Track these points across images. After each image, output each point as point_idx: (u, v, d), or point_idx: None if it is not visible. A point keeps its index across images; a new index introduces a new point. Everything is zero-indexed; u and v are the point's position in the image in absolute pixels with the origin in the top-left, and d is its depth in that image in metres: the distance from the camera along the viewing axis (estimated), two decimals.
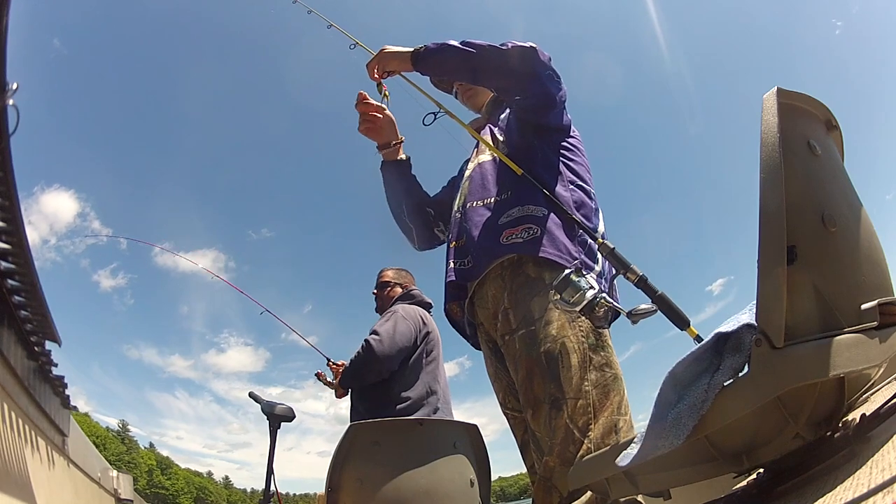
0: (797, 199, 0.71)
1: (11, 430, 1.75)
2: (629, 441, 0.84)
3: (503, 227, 1.24)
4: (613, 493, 0.93)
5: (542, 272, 1.17)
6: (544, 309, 1.14)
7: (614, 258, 1.08)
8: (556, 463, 1.09)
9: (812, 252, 0.72)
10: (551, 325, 1.13)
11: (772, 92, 0.75)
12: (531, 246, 1.19)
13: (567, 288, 1.00)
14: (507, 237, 1.22)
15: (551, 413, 1.10)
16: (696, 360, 0.75)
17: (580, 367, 1.10)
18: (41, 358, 2.17)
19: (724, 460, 0.77)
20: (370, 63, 1.45)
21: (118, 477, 3.94)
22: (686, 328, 1.00)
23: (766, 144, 0.72)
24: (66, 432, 2.62)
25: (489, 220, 1.28)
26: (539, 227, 1.21)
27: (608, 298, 1.00)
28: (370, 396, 2.06)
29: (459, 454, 1.44)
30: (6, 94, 1.38)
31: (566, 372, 1.09)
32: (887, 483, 0.51)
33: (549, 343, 1.12)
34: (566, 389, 1.09)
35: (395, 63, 1.42)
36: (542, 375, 1.12)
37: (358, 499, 1.29)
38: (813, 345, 0.67)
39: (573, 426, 1.07)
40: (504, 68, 1.27)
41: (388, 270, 2.47)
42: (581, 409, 1.08)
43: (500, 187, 1.32)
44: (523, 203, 1.26)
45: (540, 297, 1.15)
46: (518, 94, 1.32)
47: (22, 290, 1.84)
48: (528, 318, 1.16)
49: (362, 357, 2.01)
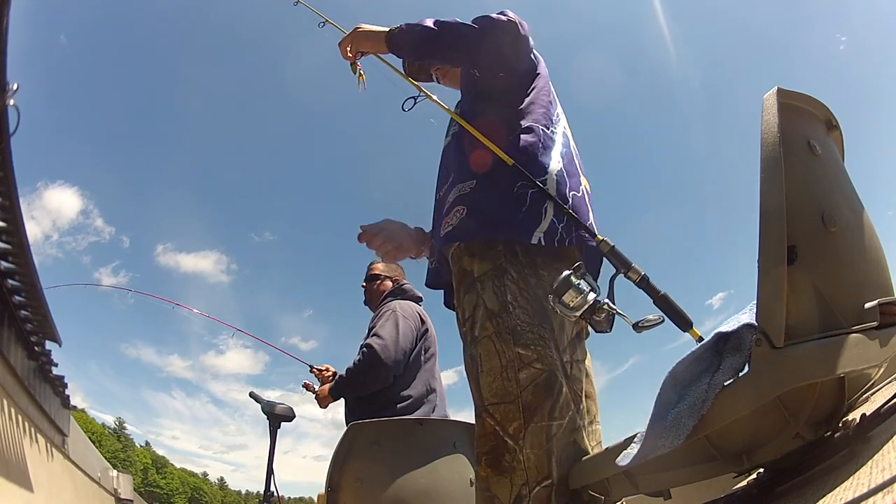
0: (797, 198, 0.71)
1: (11, 429, 1.75)
2: (629, 441, 0.84)
3: (443, 217, 1.15)
4: (613, 493, 0.93)
5: (473, 262, 1.06)
6: (472, 307, 1.04)
7: (614, 256, 1.02)
8: (488, 473, 0.99)
9: (812, 252, 0.72)
10: (475, 327, 1.03)
11: (772, 92, 0.75)
12: (458, 232, 1.09)
13: (567, 291, 0.92)
14: (444, 227, 1.13)
15: (477, 421, 1.02)
16: (696, 360, 0.75)
17: (505, 369, 0.98)
18: (41, 358, 2.17)
19: (724, 460, 0.77)
20: (343, 42, 1.36)
21: (118, 477, 3.94)
22: (689, 329, 0.98)
23: (766, 144, 0.72)
24: (66, 432, 2.62)
25: (439, 213, 1.20)
26: (465, 205, 1.10)
27: (611, 305, 0.95)
28: (369, 396, 1.96)
29: (459, 454, 1.44)
30: (6, 94, 1.39)
31: (486, 377, 1.00)
32: (887, 483, 0.51)
33: (474, 346, 1.03)
34: (486, 395, 1.00)
35: (369, 44, 1.34)
36: (472, 381, 1.04)
37: (358, 498, 1.29)
38: (813, 345, 0.67)
39: (503, 433, 0.97)
40: (484, 47, 1.16)
41: (377, 263, 2.37)
42: (510, 413, 0.97)
43: (449, 171, 1.24)
44: (457, 182, 1.16)
45: (470, 293, 1.05)
46: (480, 70, 1.23)
47: (22, 290, 1.84)
48: (461, 318, 1.08)
49: (366, 363, 1.88)
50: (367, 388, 1.93)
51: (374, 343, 1.89)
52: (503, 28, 1.16)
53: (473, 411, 1.05)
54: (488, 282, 1.03)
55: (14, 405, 1.82)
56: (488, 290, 1.02)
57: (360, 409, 1.92)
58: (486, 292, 1.02)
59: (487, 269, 1.04)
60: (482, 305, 1.02)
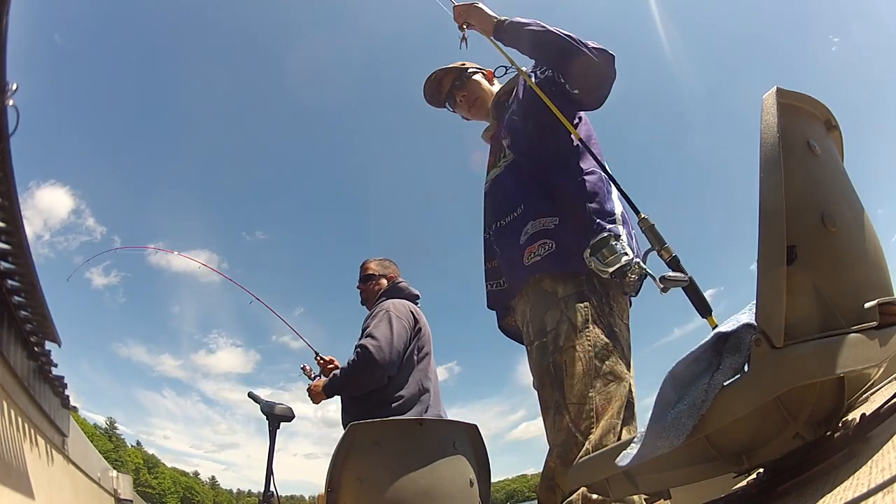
0: (797, 198, 0.71)
1: (11, 429, 1.75)
2: (629, 441, 0.84)
3: (524, 247, 1.31)
4: (613, 493, 0.93)
5: (557, 286, 1.24)
6: (556, 322, 1.20)
7: (652, 234, 1.12)
8: (556, 463, 1.13)
9: (812, 252, 0.72)
10: (560, 338, 1.19)
11: (771, 92, 0.75)
12: (547, 262, 1.25)
13: (603, 249, 1.06)
14: (528, 257, 1.29)
15: (555, 417, 1.15)
16: (695, 360, 0.75)
17: (584, 375, 1.14)
18: (41, 358, 2.17)
19: (723, 460, 0.77)
20: (460, 6, 1.52)
21: (118, 477, 3.94)
22: (708, 316, 1.05)
23: (765, 144, 0.71)
24: (66, 432, 2.61)
25: (512, 241, 1.35)
26: (552, 240, 1.27)
27: (643, 265, 1.05)
28: (362, 396, 1.95)
29: (459, 454, 1.44)
30: (6, 94, 1.38)
31: (570, 380, 1.15)
32: (887, 483, 0.51)
33: (557, 354, 1.18)
34: (568, 396, 1.14)
35: (479, 22, 1.49)
36: (550, 384, 1.18)
37: (358, 498, 1.29)
38: (813, 344, 0.67)
39: (575, 430, 1.12)
40: (585, 63, 1.30)
41: (370, 262, 2.35)
42: (584, 414, 1.12)
43: (515, 201, 1.39)
44: (535, 216, 1.32)
45: (552, 310, 1.21)
46: (579, 89, 1.35)
47: (22, 291, 1.84)
48: (541, 330, 1.23)
49: (360, 364, 1.88)
50: (360, 388, 1.93)
51: (369, 344, 1.89)
52: (612, 60, 1.31)
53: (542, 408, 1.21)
54: (572, 303, 1.20)
55: (14, 405, 1.82)
56: (572, 309, 1.19)
57: (355, 409, 1.92)
58: (569, 310, 1.19)
59: (571, 291, 1.21)
60: (567, 321, 1.18)
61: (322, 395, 2.01)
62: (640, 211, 1.17)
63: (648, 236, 1.13)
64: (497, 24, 1.45)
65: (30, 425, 1.99)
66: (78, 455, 2.84)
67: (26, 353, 2.00)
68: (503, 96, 1.62)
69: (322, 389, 2.00)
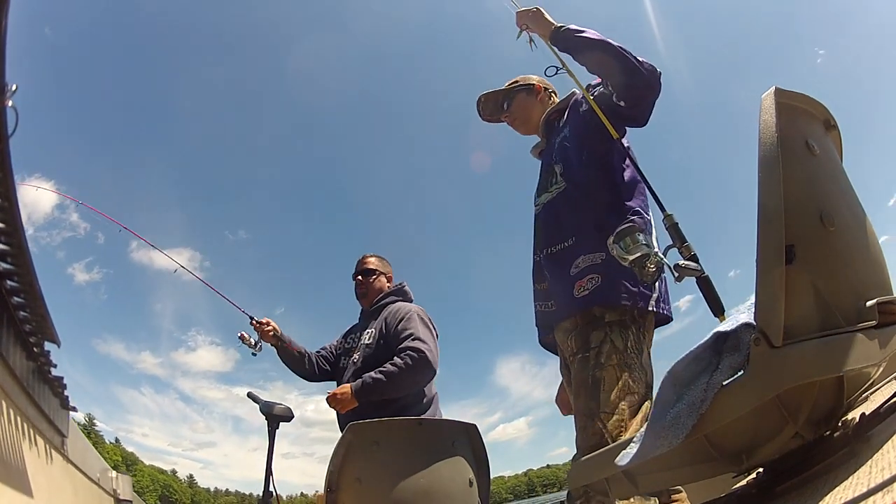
0: (796, 198, 0.71)
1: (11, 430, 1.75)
2: (629, 441, 0.84)
3: (574, 279, 1.42)
4: (613, 493, 0.93)
5: (605, 312, 1.36)
6: (599, 341, 1.33)
7: (675, 231, 1.19)
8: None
9: (811, 251, 0.72)
10: (602, 355, 1.31)
11: (770, 92, 0.75)
12: (596, 296, 1.37)
13: (626, 237, 1.11)
14: (578, 290, 1.41)
15: (587, 423, 1.26)
16: (695, 360, 0.75)
17: (619, 391, 1.27)
18: (40, 359, 2.17)
19: (723, 460, 0.77)
20: (523, 12, 1.64)
21: (117, 478, 3.93)
22: (720, 315, 1.08)
23: (764, 144, 0.71)
24: (66, 433, 2.61)
25: (563, 271, 1.46)
26: (600, 275, 1.38)
27: (661, 256, 1.10)
28: (393, 399, 1.92)
29: (458, 454, 1.43)
30: (5, 95, 1.38)
31: (605, 394, 1.27)
32: (887, 482, 0.51)
33: (598, 369, 1.30)
34: (603, 406, 1.26)
35: (538, 27, 1.61)
36: (585, 394, 1.29)
37: (357, 498, 1.28)
38: (812, 344, 0.67)
39: (607, 435, 1.22)
40: (634, 75, 1.37)
41: (371, 257, 2.35)
42: (615, 423, 1.24)
43: (566, 232, 1.49)
44: (586, 251, 1.43)
45: (598, 331, 1.34)
46: (626, 102, 1.41)
47: (21, 291, 1.84)
48: (585, 345, 1.35)
49: (418, 368, 1.86)
50: (409, 390, 1.92)
51: (424, 348, 1.90)
52: (659, 77, 1.39)
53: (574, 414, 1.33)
54: (616, 328, 1.33)
55: (13, 406, 1.82)
56: (616, 333, 1.33)
57: (354, 411, 1.88)
58: (613, 334, 1.33)
59: (616, 318, 1.34)
60: (609, 342, 1.32)
61: (353, 402, 1.86)
62: (665, 208, 1.26)
63: (671, 233, 1.20)
64: (554, 29, 1.54)
65: (29, 426, 1.99)
66: (77, 455, 2.84)
67: (25, 354, 2.00)
68: (553, 115, 1.69)
69: (353, 395, 1.85)
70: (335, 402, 1.88)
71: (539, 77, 1.77)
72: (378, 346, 2.04)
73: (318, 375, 2.26)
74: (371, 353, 2.03)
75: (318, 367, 2.27)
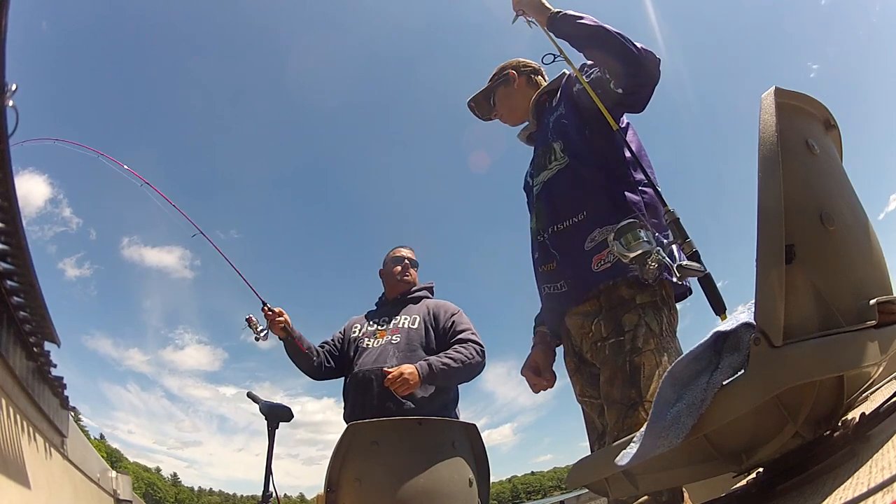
0: (795, 198, 0.71)
1: (11, 430, 1.75)
2: (628, 440, 0.84)
3: (591, 254, 1.35)
4: (613, 493, 0.93)
5: (635, 294, 1.30)
6: (633, 325, 1.27)
7: (676, 227, 1.18)
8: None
9: (810, 251, 0.72)
10: (638, 339, 1.26)
11: (770, 91, 0.75)
12: (617, 269, 1.30)
13: (627, 234, 1.08)
14: (597, 264, 1.34)
15: (627, 413, 1.21)
16: (695, 359, 0.75)
17: (658, 378, 1.20)
18: (40, 359, 2.17)
19: (723, 459, 0.77)
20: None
21: (117, 478, 3.94)
22: (722, 314, 1.07)
23: (764, 143, 0.71)
24: (66, 433, 2.61)
25: (575, 246, 1.39)
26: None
27: (663, 254, 1.07)
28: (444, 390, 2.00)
29: (458, 454, 1.43)
30: (5, 95, 1.38)
31: (646, 381, 1.22)
32: (887, 482, 0.51)
33: (635, 354, 1.24)
34: (645, 395, 1.21)
35: (534, 12, 1.56)
36: (622, 381, 1.24)
37: (357, 498, 1.28)
38: (812, 343, 0.67)
39: None
40: (634, 63, 1.33)
41: (405, 249, 2.37)
42: None
43: (575, 207, 1.42)
44: (601, 223, 1.36)
45: (630, 313, 1.28)
46: (625, 89, 1.37)
47: (21, 291, 1.84)
48: (618, 329, 1.29)
49: (479, 362, 1.97)
50: (464, 381, 2.01)
51: (482, 344, 1.99)
52: (658, 63, 1.35)
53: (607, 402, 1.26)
54: (650, 310, 1.27)
55: (13, 405, 1.82)
56: (650, 315, 1.26)
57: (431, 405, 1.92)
58: (647, 316, 1.26)
59: (648, 300, 1.28)
60: (644, 326, 1.25)
61: (418, 384, 1.83)
62: (667, 203, 1.23)
63: (672, 229, 1.18)
64: (551, 15, 1.51)
65: (29, 425, 1.99)
66: (77, 455, 2.84)
67: (25, 354, 2.00)
68: (544, 96, 1.65)
69: (420, 377, 1.82)
70: (401, 383, 1.80)
71: (515, 61, 1.75)
72: (427, 331, 2.08)
73: (323, 373, 2.27)
74: (416, 338, 2.06)
75: (324, 364, 2.27)
